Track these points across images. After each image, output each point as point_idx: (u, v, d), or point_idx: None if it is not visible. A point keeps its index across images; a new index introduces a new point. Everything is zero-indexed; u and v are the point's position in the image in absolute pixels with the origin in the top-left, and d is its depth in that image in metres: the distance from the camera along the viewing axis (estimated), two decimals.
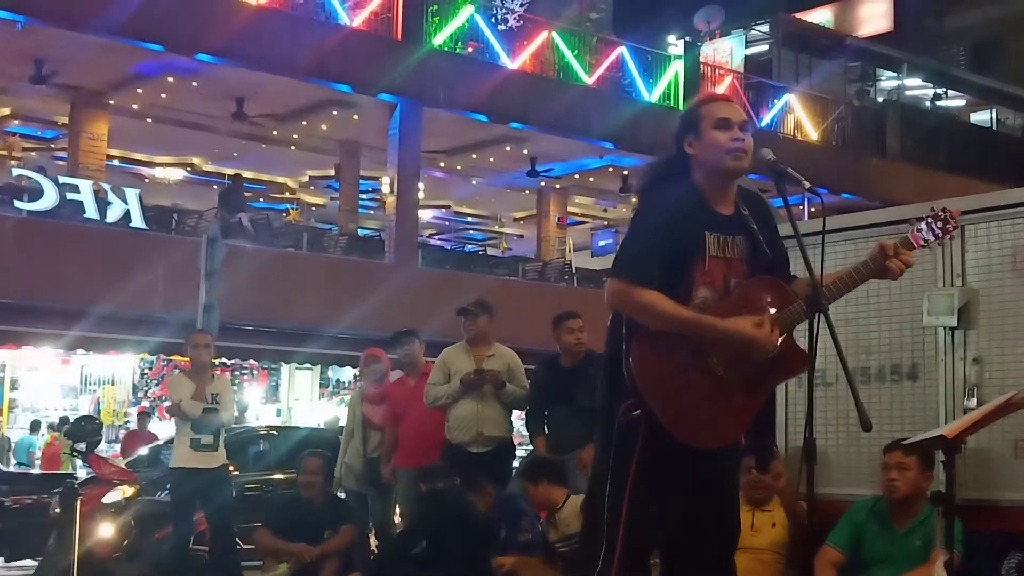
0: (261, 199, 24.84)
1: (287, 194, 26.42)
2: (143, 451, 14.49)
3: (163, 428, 17.02)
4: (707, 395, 3.69)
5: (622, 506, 3.71)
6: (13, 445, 18.59)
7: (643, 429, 3.67)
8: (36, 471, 16.85)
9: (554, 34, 22.08)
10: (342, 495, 9.46)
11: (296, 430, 15.66)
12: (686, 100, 22.38)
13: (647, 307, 3.68)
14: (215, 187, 24.88)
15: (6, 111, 21.09)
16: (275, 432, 14.23)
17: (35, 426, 19.02)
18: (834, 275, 3.84)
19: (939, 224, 3.94)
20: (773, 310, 3.77)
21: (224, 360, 17.63)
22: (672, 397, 3.68)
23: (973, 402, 5.77)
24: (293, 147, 22.79)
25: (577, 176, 24.92)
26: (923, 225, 3.94)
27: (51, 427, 19.15)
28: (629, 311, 3.74)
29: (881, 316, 6.24)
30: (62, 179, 17.14)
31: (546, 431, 8.18)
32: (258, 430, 14.60)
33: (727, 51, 27.31)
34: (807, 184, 3.76)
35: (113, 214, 16.98)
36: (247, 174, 24.42)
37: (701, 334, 3.69)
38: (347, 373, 21.56)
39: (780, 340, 3.74)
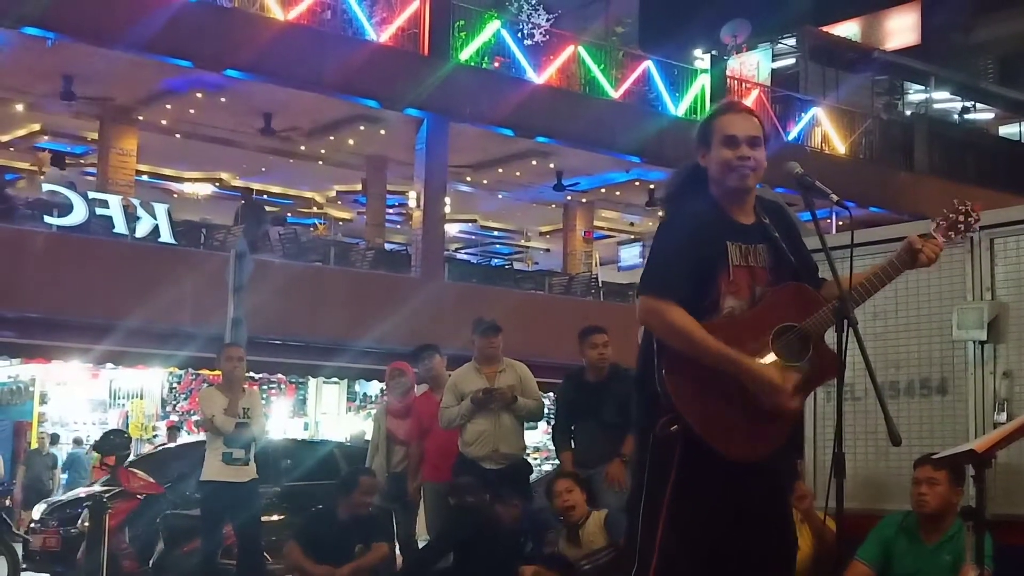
0: (289, 214, 24.89)
1: (314, 209, 26.52)
2: (146, 448, 14.50)
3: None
4: (743, 405, 3.66)
5: (658, 524, 3.68)
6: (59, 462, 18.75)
7: (680, 445, 3.65)
8: None
9: (580, 48, 22.09)
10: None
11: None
12: None
13: (676, 330, 3.66)
14: (243, 202, 25.01)
15: (36, 127, 21.24)
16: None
17: (54, 439, 19.15)
18: (864, 274, 3.82)
19: (961, 218, 3.92)
20: (789, 322, 3.75)
21: (252, 374, 17.66)
22: (708, 410, 3.65)
23: (1003, 416, 5.73)
24: (320, 162, 22.88)
25: (603, 190, 24.91)
26: (944, 221, 3.93)
27: (76, 441, 19.28)
28: (658, 330, 3.72)
29: (910, 330, 6.21)
30: (91, 194, 17.24)
31: (572, 446, 8.17)
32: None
33: (754, 65, 27.28)
34: (835, 197, 3.74)
35: (142, 229, 17.06)
36: (275, 189, 24.59)
37: (725, 368, 3.64)
38: (374, 387, 21.59)
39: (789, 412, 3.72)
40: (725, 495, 3.68)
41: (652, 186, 23.64)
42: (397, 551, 9.30)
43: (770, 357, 3.70)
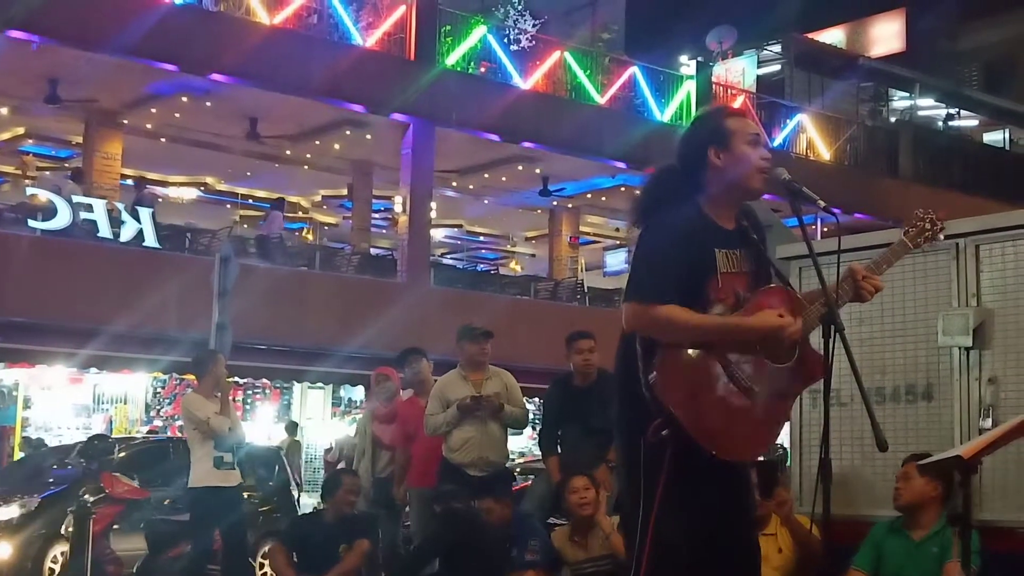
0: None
1: (300, 213, 26.48)
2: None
3: None
4: (736, 406, 3.67)
5: (648, 527, 3.68)
6: None
7: (670, 449, 3.65)
8: None
9: (566, 54, 22.11)
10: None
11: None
12: None
13: (668, 322, 3.65)
14: (228, 206, 24.97)
15: (21, 130, 21.17)
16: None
17: (39, 445, 19.01)
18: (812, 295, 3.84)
19: (927, 226, 3.97)
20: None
21: (237, 379, 17.63)
22: (701, 412, 3.64)
23: (988, 422, 5.75)
24: (306, 166, 22.85)
25: (589, 195, 24.93)
26: (911, 229, 3.97)
27: None
28: (649, 330, 3.70)
29: (896, 336, 6.23)
30: (76, 198, 17.18)
31: (559, 451, 8.16)
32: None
33: (739, 71, 27.33)
34: (822, 203, 3.74)
35: (127, 233, 17.01)
36: (260, 193, 24.49)
37: (728, 336, 3.67)
38: (359, 392, 21.55)
39: (799, 338, 3.74)
40: (711, 495, 3.71)
41: (638, 192, 23.61)
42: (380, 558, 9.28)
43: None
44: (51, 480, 12.66)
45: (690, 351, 3.67)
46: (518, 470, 14.24)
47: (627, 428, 3.82)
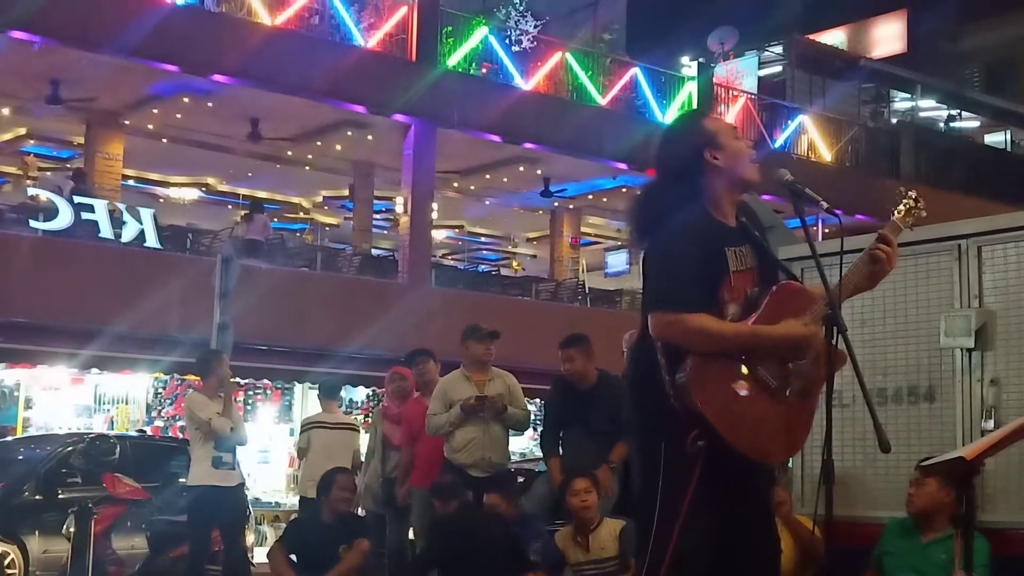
0: (275, 219, 24.87)
1: (301, 214, 26.49)
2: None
3: None
4: (769, 408, 3.67)
5: (673, 531, 3.67)
6: None
7: (702, 458, 3.63)
8: None
9: (568, 55, 22.11)
10: (361, 512, 9.44)
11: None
12: None
13: (700, 331, 3.64)
14: (230, 207, 24.97)
15: (22, 131, 21.16)
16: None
17: None
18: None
19: (913, 204, 3.98)
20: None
21: (238, 380, 17.63)
22: (739, 418, 3.63)
23: (991, 424, 5.75)
24: (307, 167, 22.84)
25: (590, 196, 24.91)
26: (902, 207, 3.97)
27: None
28: (682, 340, 3.68)
29: (898, 337, 6.23)
30: (77, 199, 17.18)
31: (560, 452, 8.15)
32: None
33: (741, 72, 27.32)
34: (825, 204, 3.75)
35: (128, 234, 17.01)
36: (261, 194, 24.50)
37: (757, 345, 3.67)
38: (360, 393, 21.55)
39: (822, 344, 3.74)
40: (738, 499, 3.72)
41: (639, 193, 23.59)
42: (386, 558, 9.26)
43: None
44: (20, 458, 12.71)
45: (717, 357, 3.67)
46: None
47: (647, 435, 3.82)
